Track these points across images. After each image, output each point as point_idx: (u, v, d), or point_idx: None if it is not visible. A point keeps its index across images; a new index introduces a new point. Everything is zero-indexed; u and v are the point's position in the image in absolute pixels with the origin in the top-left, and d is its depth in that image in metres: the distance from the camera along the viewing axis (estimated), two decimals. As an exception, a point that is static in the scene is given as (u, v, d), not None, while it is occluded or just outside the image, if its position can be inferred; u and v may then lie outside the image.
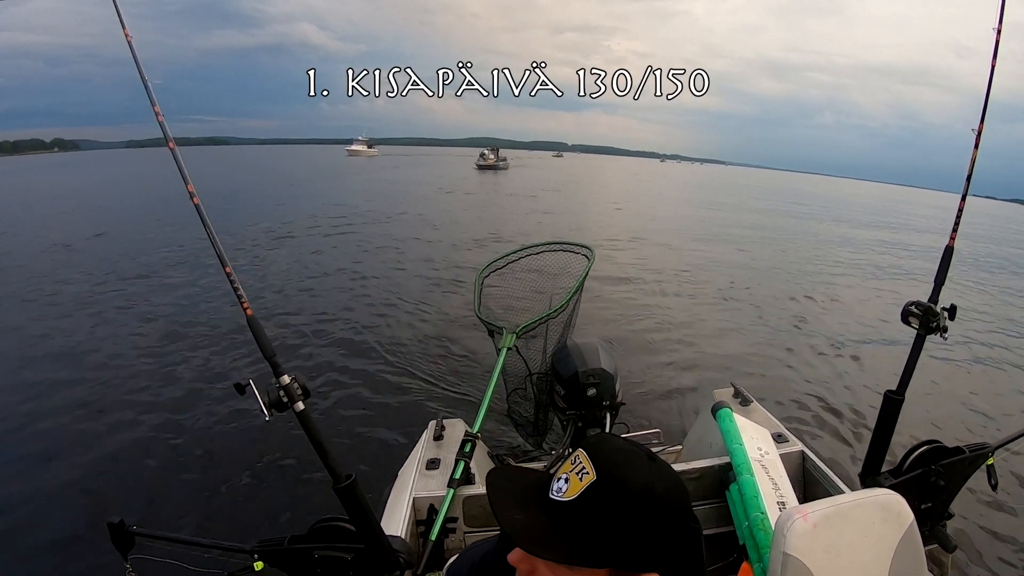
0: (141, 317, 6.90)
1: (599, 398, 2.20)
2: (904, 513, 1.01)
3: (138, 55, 1.32)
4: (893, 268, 12.71)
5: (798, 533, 0.95)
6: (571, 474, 0.63)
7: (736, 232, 17.33)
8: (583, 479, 0.62)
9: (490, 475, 0.69)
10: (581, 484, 0.62)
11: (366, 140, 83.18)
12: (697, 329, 7.04)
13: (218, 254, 1.26)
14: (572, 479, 0.63)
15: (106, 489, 3.49)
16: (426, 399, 4.68)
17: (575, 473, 0.63)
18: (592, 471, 0.62)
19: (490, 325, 2.37)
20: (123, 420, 4.31)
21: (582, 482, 0.62)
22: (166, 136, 1.31)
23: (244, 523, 3.16)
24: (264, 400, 1.17)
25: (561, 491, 0.63)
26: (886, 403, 1.71)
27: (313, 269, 9.77)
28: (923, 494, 1.57)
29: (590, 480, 0.61)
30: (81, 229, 13.50)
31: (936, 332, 1.63)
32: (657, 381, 5.23)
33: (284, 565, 1.33)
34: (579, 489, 0.61)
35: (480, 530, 1.71)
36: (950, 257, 1.68)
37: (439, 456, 1.88)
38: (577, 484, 0.62)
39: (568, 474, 0.63)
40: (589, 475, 0.62)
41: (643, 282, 9.49)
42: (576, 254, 2.66)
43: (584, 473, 0.62)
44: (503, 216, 17.83)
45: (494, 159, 51.84)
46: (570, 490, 0.62)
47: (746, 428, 1.75)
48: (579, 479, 0.62)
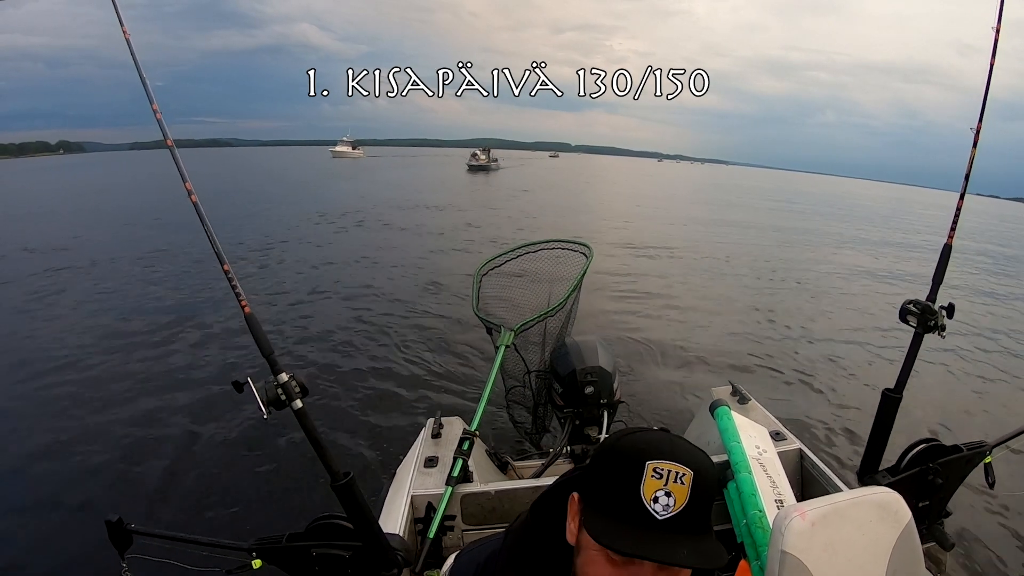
0: (141, 316, 6.90)
1: (597, 396, 2.20)
2: (902, 511, 1.01)
3: (137, 55, 1.32)
4: (894, 267, 12.73)
5: (796, 531, 0.95)
6: (667, 486, 0.63)
7: (730, 232, 17.33)
8: (683, 480, 0.63)
9: (604, 537, 0.64)
10: (686, 486, 0.63)
11: (351, 141, 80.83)
12: (694, 327, 7.05)
13: (216, 252, 1.26)
14: (674, 488, 0.63)
15: (103, 487, 3.49)
16: (424, 397, 4.68)
17: (672, 482, 0.63)
18: (685, 468, 0.63)
19: (488, 323, 2.37)
20: (120, 418, 4.31)
21: (685, 484, 0.62)
22: (164, 134, 1.31)
23: (242, 521, 3.16)
24: (262, 398, 1.17)
25: (671, 506, 0.62)
26: (884, 401, 1.72)
27: (311, 269, 9.78)
28: (921, 492, 1.57)
29: (691, 478, 0.63)
30: (83, 228, 13.50)
31: (934, 331, 1.63)
32: (655, 379, 5.24)
33: (282, 563, 1.33)
34: (687, 491, 0.62)
35: (478, 528, 1.71)
36: (948, 256, 1.68)
37: (437, 454, 1.88)
38: (682, 488, 0.62)
39: (663, 488, 0.63)
40: (686, 474, 0.63)
41: (642, 282, 9.50)
42: (575, 252, 2.66)
43: (680, 476, 0.63)
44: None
45: (485, 159, 51.66)
46: (679, 497, 0.62)
47: (744, 426, 1.75)
48: (680, 483, 0.63)
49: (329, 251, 11.38)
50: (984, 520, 3.21)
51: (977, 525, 3.17)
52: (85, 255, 10.37)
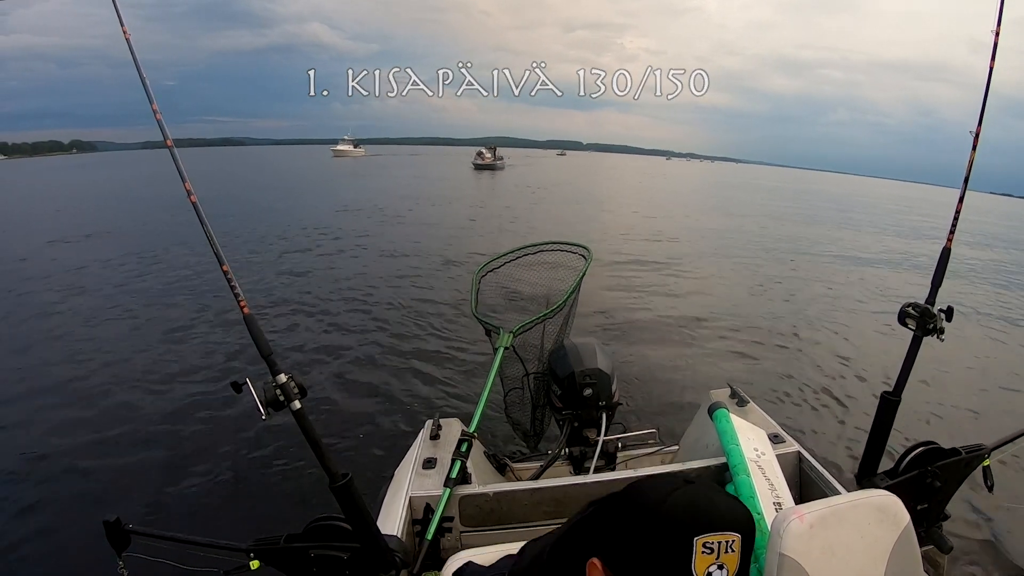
0: (140, 314, 6.89)
1: (596, 398, 2.20)
2: (900, 514, 1.01)
3: (138, 55, 1.31)
4: (893, 266, 12.72)
5: (794, 534, 0.95)
6: (719, 559, 0.59)
7: (729, 236, 17.33)
8: (733, 547, 0.60)
9: None
10: (736, 553, 0.60)
11: (352, 140, 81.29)
12: (693, 329, 7.04)
13: (215, 252, 1.26)
14: (726, 559, 0.60)
15: (101, 487, 3.48)
16: (423, 398, 4.68)
17: (724, 553, 0.59)
18: (732, 535, 0.60)
19: (487, 325, 2.37)
20: (118, 418, 4.30)
21: (735, 551, 0.60)
22: (164, 134, 1.31)
23: (240, 522, 3.15)
24: (261, 399, 1.17)
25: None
26: (883, 404, 1.71)
27: (310, 270, 9.76)
28: (919, 495, 1.57)
29: (740, 542, 0.60)
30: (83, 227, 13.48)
31: (933, 334, 1.63)
32: (654, 381, 5.23)
33: (280, 564, 1.32)
34: (738, 557, 0.60)
35: (476, 529, 1.70)
36: (947, 258, 1.68)
37: (435, 455, 1.87)
38: (733, 557, 0.60)
39: (715, 563, 0.59)
40: (735, 540, 0.60)
41: (642, 281, 9.49)
42: (573, 254, 2.66)
43: (730, 544, 0.60)
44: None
45: (491, 158, 51.50)
46: (731, 567, 0.60)
47: (742, 428, 1.75)
48: (731, 551, 0.60)
49: (327, 256, 11.36)
50: (982, 523, 3.21)
51: (976, 528, 3.17)
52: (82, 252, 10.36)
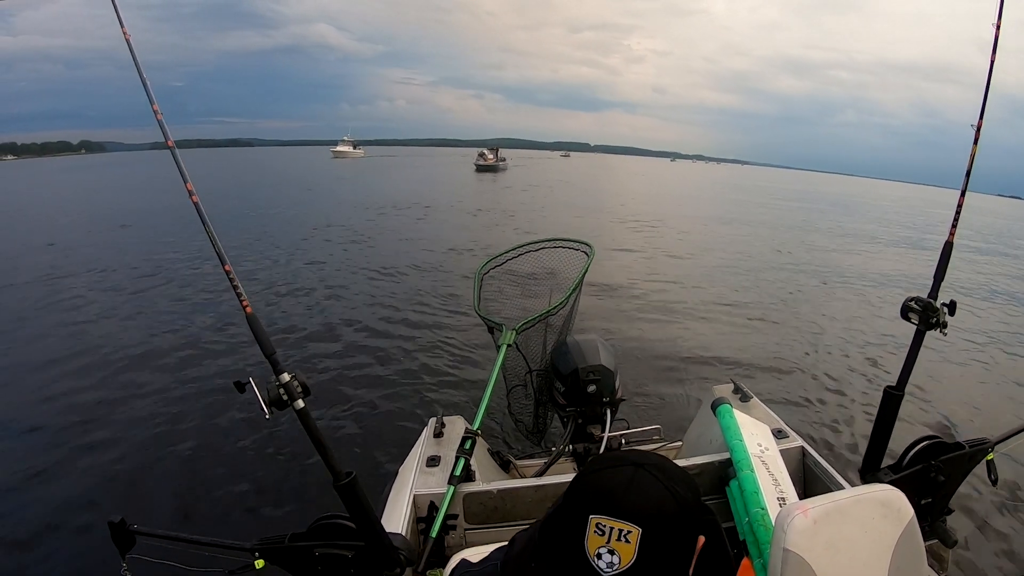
0: (140, 314, 6.91)
1: (599, 395, 2.20)
2: (904, 509, 1.01)
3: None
4: (892, 268, 12.71)
5: (798, 529, 0.95)
6: (611, 543, 0.58)
7: (729, 237, 17.30)
8: (628, 539, 0.57)
9: None
10: (631, 545, 0.57)
11: (352, 141, 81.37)
12: (696, 325, 7.04)
13: (217, 252, 1.25)
14: (618, 547, 0.57)
15: (106, 488, 3.49)
16: (426, 396, 4.69)
17: (616, 540, 0.57)
18: (630, 525, 0.57)
19: (490, 322, 2.37)
20: (122, 418, 4.31)
21: (631, 543, 0.57)
22: (165, 135, 1.31)
23: (244, 521, 3.16)
24: (264, 398, 1.17)
25: (615, 564, 0.57)
26: (886, 399, 1.71)
27: (308, 269, 9.77)
28: (923, 490, 1.57)
29: (637, 535, 0.57)
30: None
31: (936, 328, 1.62)
32: (657, 377, 5.23)
33: (285, 563, 1.32)
34: (633, 550, 0.57)
35: (481, 527, 1.71)
36: (949, 253, 1.67)
37: (439, 453, 1.88)
38: (628, 548, 0.57)
39: (606, 545, 0.58)
40: (632, 532, 0.57)
41: (641, 283, 9.49)
42: (576, 251, 2.66)
43: (624, 534, 0.57)
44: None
45: (493, 159, 51.15)
46: (625, 557, 0.57)
47: (746, 424, 1.75)
48: (625, 542, 0.57)
49: (325, 256, 11.37)
50: (986, 517, 3.20)
51: (979, 522, 3.16)
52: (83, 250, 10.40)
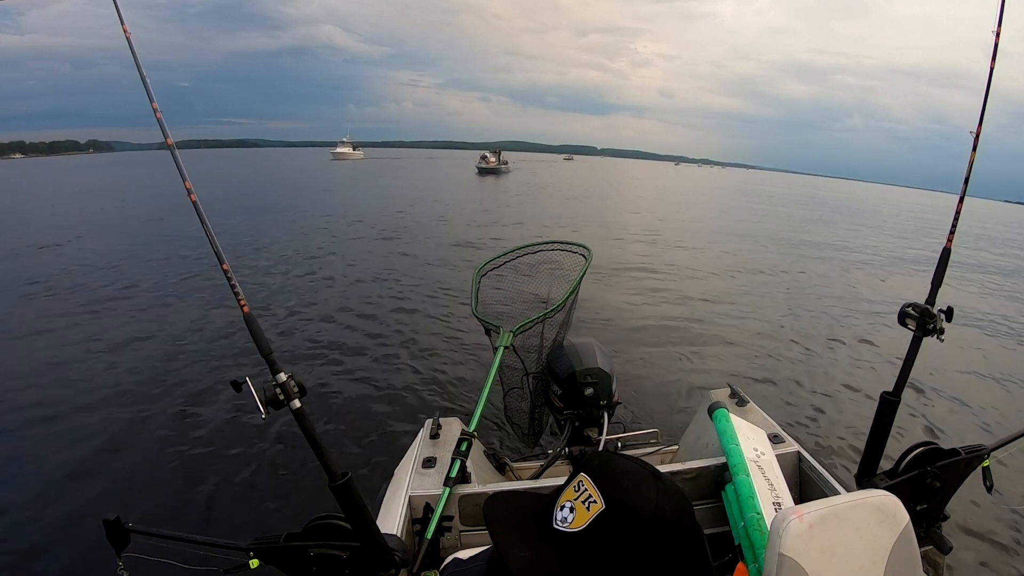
0: (139, 313, 6.89)
1: (596, 398, 2.20)
2: (900, 514, 1.01)
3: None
4: (892, 267, 12.73)
5: (794, 534, 0.95)
6: (576, 502, 0.59)
7: (729, 234, 17.33)
8: (590, 508, 0.58)
9: (487, 505, 0.64)
10: (589, 514, 0.58)
11: (351, 142, 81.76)
12: (693, 329, 7.04)
13: (215, 251, 1.25)
14: (578, 508, 0.58)
15: (101, 486, 3.48)
16: (423, 398, 4.68)
17: (581, 502, 0.58)
18: (600, 499, 0.58)
19: (487, 324, 2.37)
20: (118, 417, 4.30)
21: (590, 512, 0.58)
22: (164, 134, 1.31)
23: (240, 521, 3.15)
24: (260, 398, 1.17)
25: (567, 521, 0.58)
26: (882, 404, 1.71)
27: (307, 269, 9.76)
28: (919, 495, 1.57)
29: (598, 509, 0.57)
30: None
31: (933, 334, 1.63)
32: (654, 381, 5.23)
33: (280, 563, 1.32)
34: (587, 519, 0.57)
35: (476, 529, 1.70)
36: (947, 259, 1.68)
37: (435, 455, 1.87)
38: (584, 514, 0.58)
39: (572, 502, 0.59)
40: (597, 504, 0.58)
41: (641, 281, 9.50)
42: (574, 254, 2.66)
43: (591, 502, 0.58)
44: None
45: (495, 162, 50.94)
46: (577, 520, 0.58)
47: (742, 428, 1.75)
48: (586, 508, 0.58)
49: (323, 256, 11.37)
50: (982, 523, 3.21)
51: (975, 528, 3.17)
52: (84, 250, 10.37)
